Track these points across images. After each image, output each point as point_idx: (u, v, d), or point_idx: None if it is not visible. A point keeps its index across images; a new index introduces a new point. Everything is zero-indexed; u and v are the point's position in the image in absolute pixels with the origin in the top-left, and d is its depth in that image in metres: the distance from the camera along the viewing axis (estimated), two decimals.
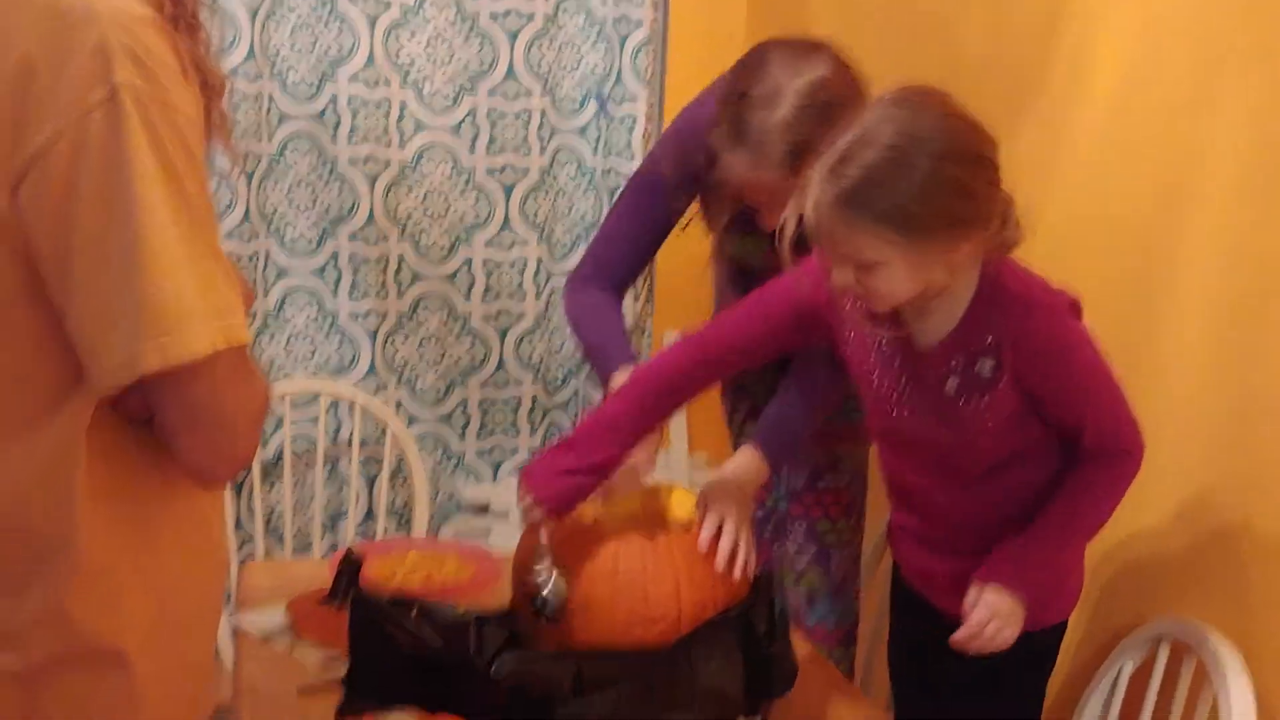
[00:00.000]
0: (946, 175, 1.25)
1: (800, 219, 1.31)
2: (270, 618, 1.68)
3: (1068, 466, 1.42)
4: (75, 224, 0.88)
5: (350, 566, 1.69)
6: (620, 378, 1.65)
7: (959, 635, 1.39)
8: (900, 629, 1.65)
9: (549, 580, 1.40)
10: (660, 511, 1.58)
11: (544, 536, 1.44)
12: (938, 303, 1.36)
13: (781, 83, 1.48)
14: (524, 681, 1.33)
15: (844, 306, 1.43)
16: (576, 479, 1.46)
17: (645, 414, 1.51)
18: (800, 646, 1.57)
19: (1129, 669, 1.56)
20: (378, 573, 1.81)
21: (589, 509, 1.53)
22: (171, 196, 0.89)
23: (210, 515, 1.06)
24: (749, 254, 1.73)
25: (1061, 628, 1.53)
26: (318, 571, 1.81)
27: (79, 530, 0.93)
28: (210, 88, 0.98)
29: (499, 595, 1.56)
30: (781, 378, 1.69)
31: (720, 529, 1.46)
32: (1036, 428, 1.40)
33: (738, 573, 1.46)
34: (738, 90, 1.53)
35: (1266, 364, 1.45)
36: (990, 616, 1.38)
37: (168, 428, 0.94)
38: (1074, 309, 1.40)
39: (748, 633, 1.43)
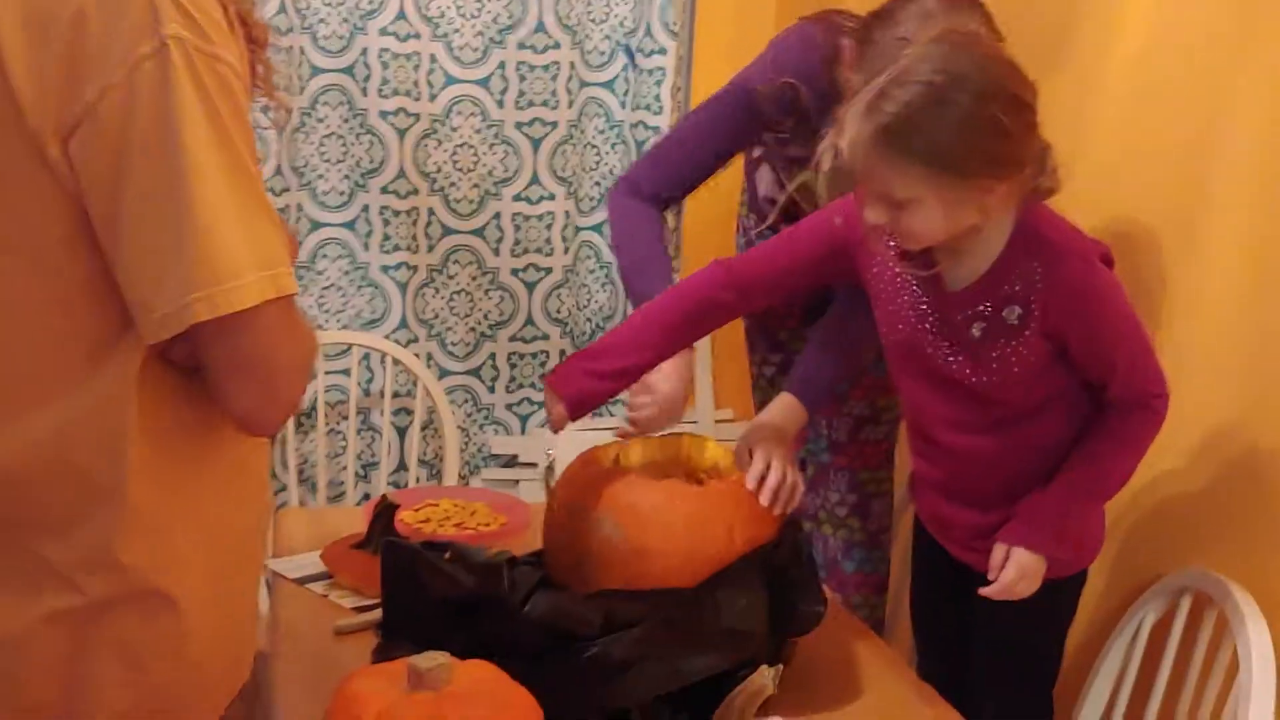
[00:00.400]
0: (984, 114, 1.25)
1: (836, 155, 1.31)
2: (306, 563, 1.72)
3: (1092, 418, 1.43)
4: (125, 176, 0.90)
5: (384, 513, 1.73)
6: None
7: (987, 590, 1.41)
8: (921, 578, 1.67)
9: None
10: (686, 459, 1.61)
11: (552, 428, 1.49)
12: (971, 246, 1.37)
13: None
14: (556, 620, 1.36)
15: (877, 244, 1.43)
16: (598, 381, 1.49)
17: (669, 330, 1.53)
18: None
19: (1150, 620, 1.58)
20: (411, 520, 1.84)
21: (631, 453, 1.57)
22: (219, 149, 0.91)
23: (255, 462, 1.09)
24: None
25: (1081, 577, 1.55)
26: (352, 519, 1.85)
27: (129, 474, 0.96)
28: (255, 40, 0.99)
29: (529, 543, 1.59)
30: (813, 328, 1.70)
31: (769, 467, 1.48)
32: (1062, 376, 1.41)
33: (787, 508, 1.49)
34: (891, 33, 1.50)
35: None
36: (1020, 576, 1.40)
37: (216, 376, 0.96)
38: (1105, 258, 1.40)
39: (773, 573, 1.45)
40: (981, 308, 1.39)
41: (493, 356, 2.76)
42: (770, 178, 1.81)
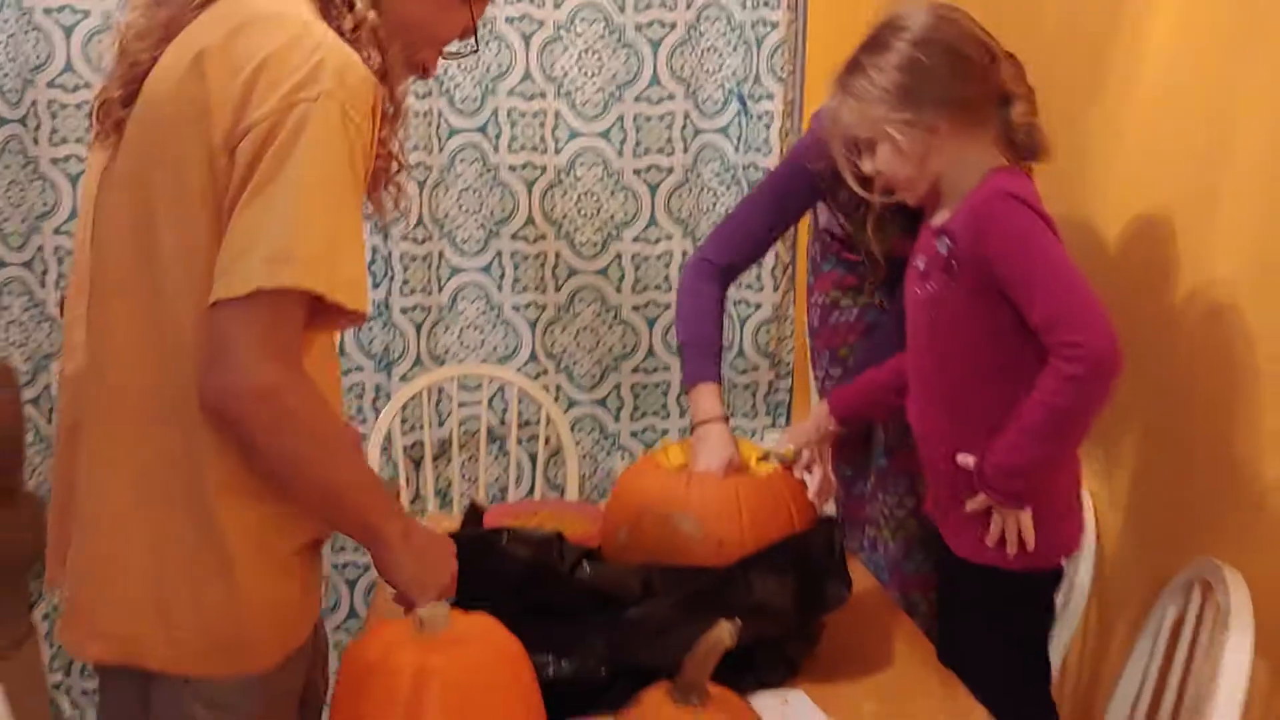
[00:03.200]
0: (914, 57, 1.43)
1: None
2: None
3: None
4: (256, 170, 1.13)
5: (472, 514, 1.93)
6: (703, 390, 1.83)
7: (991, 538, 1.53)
8: (939, 570, 1.75)
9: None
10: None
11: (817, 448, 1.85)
12: (947, 195, 1.51)
13: None
14: (601, 585, 1.54)
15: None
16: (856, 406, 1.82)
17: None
18: (864, 580, 1.74)
19: (1170, 616, 1.59)
20: (500, 524, 2.03)
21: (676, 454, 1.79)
22: (330, 171, 1.14)
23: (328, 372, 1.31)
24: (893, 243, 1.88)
25: (1056, 575, 1.58)
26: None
27: None
28: (386, 166, 1.26)
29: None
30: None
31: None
32: (1004, 318, 1.45)
33: (823, 504, 1.76)
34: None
35: None
36: (998, 528, 1.51)
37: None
38: (1033, 203, 1.44)
39: (804, 560, 1.57)
40: (934, 244, 1.51)
41: (617, 387, 2.95)
42: (827, 214, 1.96)
